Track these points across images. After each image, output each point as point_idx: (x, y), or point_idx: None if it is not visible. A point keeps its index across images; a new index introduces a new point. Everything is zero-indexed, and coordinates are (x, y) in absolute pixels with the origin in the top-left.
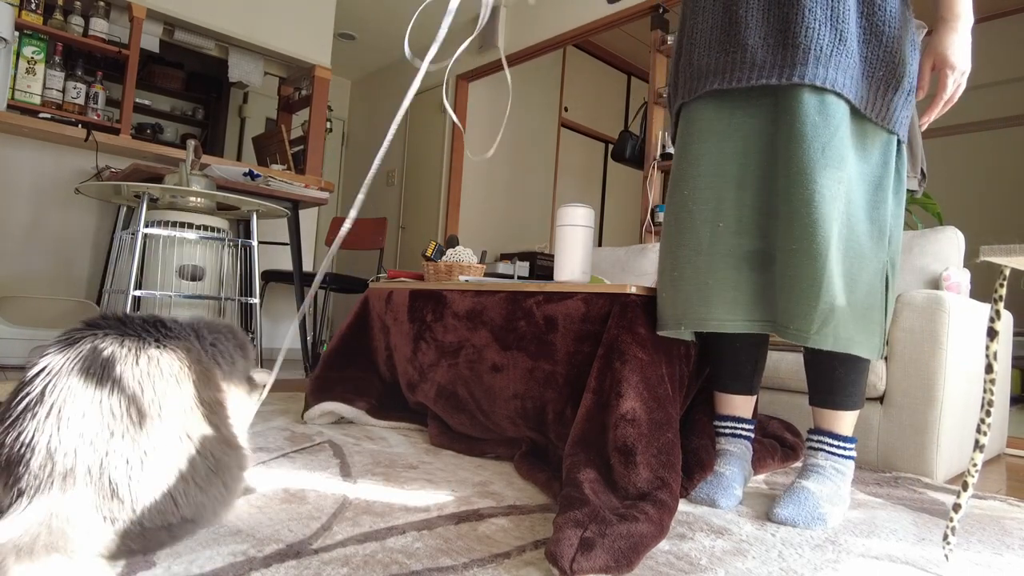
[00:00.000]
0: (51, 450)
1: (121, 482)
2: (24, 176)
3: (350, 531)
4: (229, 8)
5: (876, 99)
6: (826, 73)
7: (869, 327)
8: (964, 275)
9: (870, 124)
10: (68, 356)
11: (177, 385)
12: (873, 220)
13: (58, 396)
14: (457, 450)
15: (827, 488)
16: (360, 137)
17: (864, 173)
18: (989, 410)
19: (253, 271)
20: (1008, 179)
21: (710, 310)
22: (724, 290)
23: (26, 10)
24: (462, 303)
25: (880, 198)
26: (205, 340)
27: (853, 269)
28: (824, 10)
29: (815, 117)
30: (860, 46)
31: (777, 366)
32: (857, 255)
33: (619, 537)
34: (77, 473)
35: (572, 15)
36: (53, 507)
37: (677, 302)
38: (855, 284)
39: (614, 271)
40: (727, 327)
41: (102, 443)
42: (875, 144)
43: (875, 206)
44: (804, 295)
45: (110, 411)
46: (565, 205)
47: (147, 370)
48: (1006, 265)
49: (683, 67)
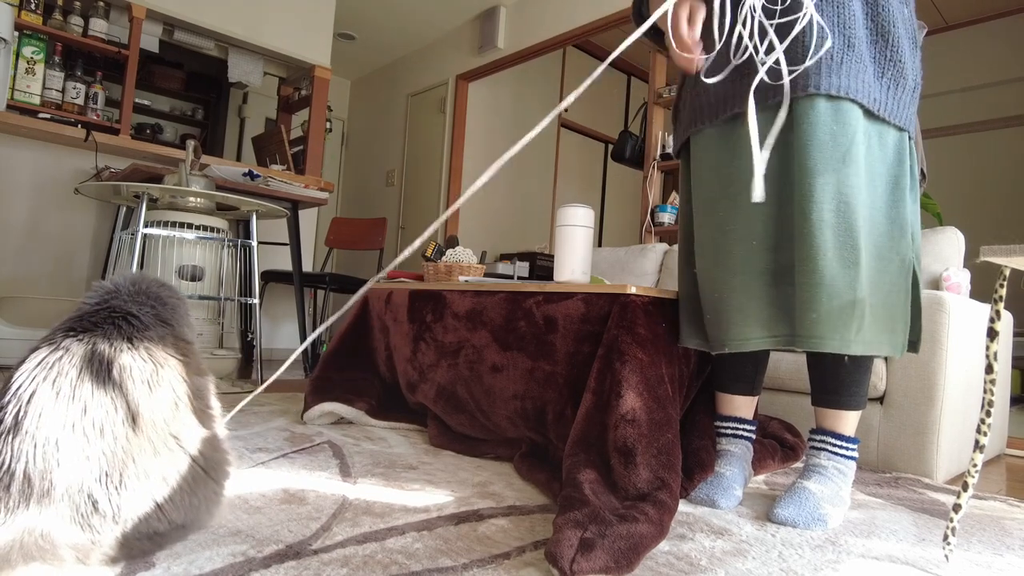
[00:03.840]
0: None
1: (100, 497)
2: (24, 176)
3: (350, 532)
4: (229, 8)
5: (888, 99)
6: (839, 81)
7: (893, 326)
8: (964, 275)
9: (885, 124)
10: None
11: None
12: (893, 219)
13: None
14: (457, 450)
15: (828, 489)
16: (360, 137)
17: (883, 173)
18: (989, 410)
19: (253, 271)
20: (1008, 179)
21: (752, 329)
22: (762, 308)
23: (26, 10)
24: (462, 303)
25: (899, 196)
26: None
27: (876, 271)
28: (830, 17)
29: (832, 126)
30: (869, 48)
31: (777, 366)
32: (880, 256)
33: (619, 538)
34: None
35: (572, 15)
36: (28, 523)
37: (721, 323)
38: (878, 286)
39: (614, 271)
40: (767, 343)
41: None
42: (890, 143)
43: (894, 204)
44: (841, 305)
45: (83, 432)
46: (565, 205)
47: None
48: (1006, 265)
49: (696, 91)
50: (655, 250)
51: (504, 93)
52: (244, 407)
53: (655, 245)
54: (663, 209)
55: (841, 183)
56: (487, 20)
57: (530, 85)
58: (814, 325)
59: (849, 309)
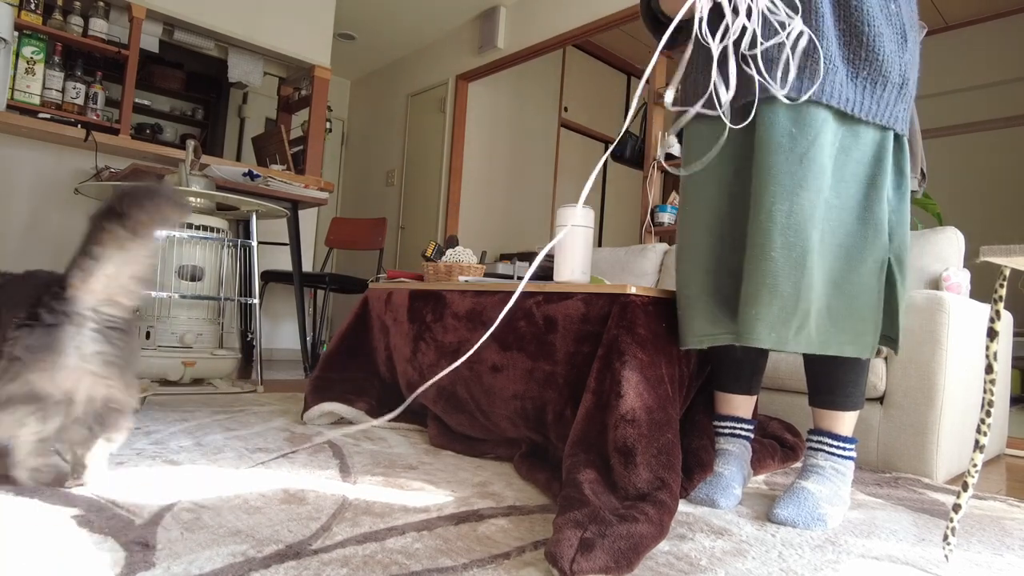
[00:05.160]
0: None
1: None
2: (24, 176)
3: (350, 532)
4: (229, 8)
5: (864, 98)
6: (800, 84)
7: (858, 326)
8: (964, 275)
9: (861, 124)
10: None
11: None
12: (866, 219)
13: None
14: (457, 450)
15: (827, 489)
16: (360, 137)
17: (856, 173)
18: (989, 410)
19: (253, 271)
20: (1008, 179)
21: (707, 326)
22: (719, 305)
23: (26, 10)
24: (462, 303)
25: (875, 196)
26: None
27: (841, 271)
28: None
29: (791, 128)
30: (840, 49)
31: (777, 366)
32: (848, 257)
33: (619, 538)
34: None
35: (572, 15)
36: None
37: (687, 319)
38: (842, 286)
39: (614, 271)
40: (717, 340)
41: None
42: (868, 142)
43: (867, 206)
44: (782, 305)
45: None
46: (565, 205)
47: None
48: (1006, 265)
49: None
50: (655, 250)
51: (504, 93)
52: (243, 407)
53: (655, 245)
54: (663, 209)
55: (796, 185)
56: (487, 20)
57: (530, 85)
58: (753, 322)
59: (791, 308)
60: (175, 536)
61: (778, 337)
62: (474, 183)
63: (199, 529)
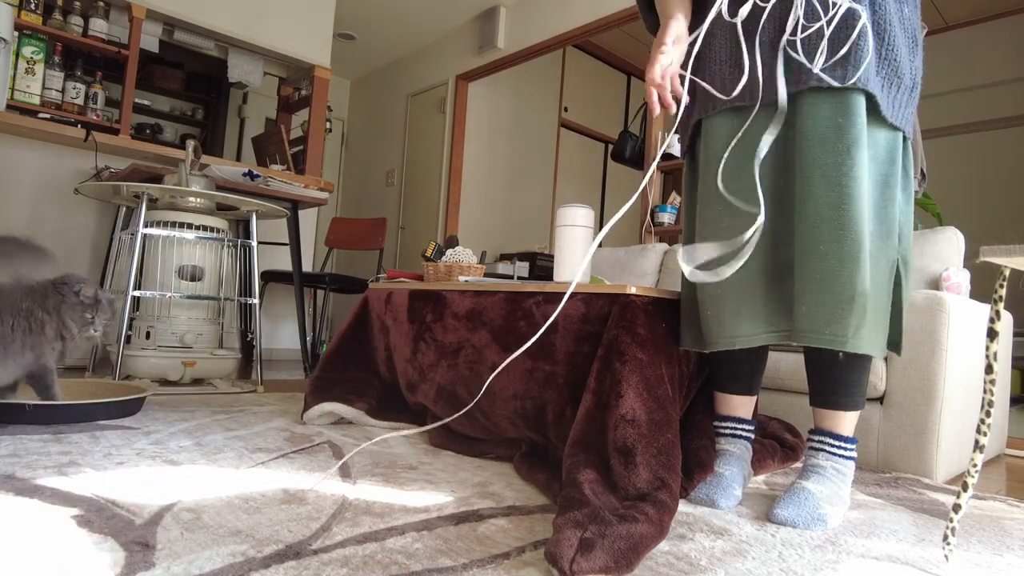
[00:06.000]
0: None
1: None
2: (24, 176)
3: (349, 532)
4: (229, 8)
5: (883, 96)
6: (844, 72)
7: (879, 326)
8: (964, 275)
9: (877, 122)
10: None
11: None
12: (881, 219)
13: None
14: (457, 451)
15: (827, 489)
16: (360, 137)
17: (872, 172)
18: (989, 410)
19: (253, 271)
20: (1008, 179)
21: (745, 327)
22: (759, 305)
23: (25, 10)
24: (462, 303)
25: (888, 196)
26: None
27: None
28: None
29: (837, 118)
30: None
31: (777, 366)
32: (871, 256)
33: (619, 538)
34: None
35: (572, 15)
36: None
37: (717, 320)
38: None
39: (614, 271)
40: (763, 339)
41: None
42: (882, 142)
43: (883, 205)
44: (837, 301)
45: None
46: (565, 205)
47: None
48: (1006, 265)
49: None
50: (655, 250)
51: (504, 93)
52: (243, 407)
53: (655, 245)
54: (663, 209)
55: (844, 176)
56: (487, 20)
57: (530, 85)
58: (804, 318)
59: (847, 305)
60: (175, 536)
61: (833, 335)
62: (474, 183)
63: (199, 529)
